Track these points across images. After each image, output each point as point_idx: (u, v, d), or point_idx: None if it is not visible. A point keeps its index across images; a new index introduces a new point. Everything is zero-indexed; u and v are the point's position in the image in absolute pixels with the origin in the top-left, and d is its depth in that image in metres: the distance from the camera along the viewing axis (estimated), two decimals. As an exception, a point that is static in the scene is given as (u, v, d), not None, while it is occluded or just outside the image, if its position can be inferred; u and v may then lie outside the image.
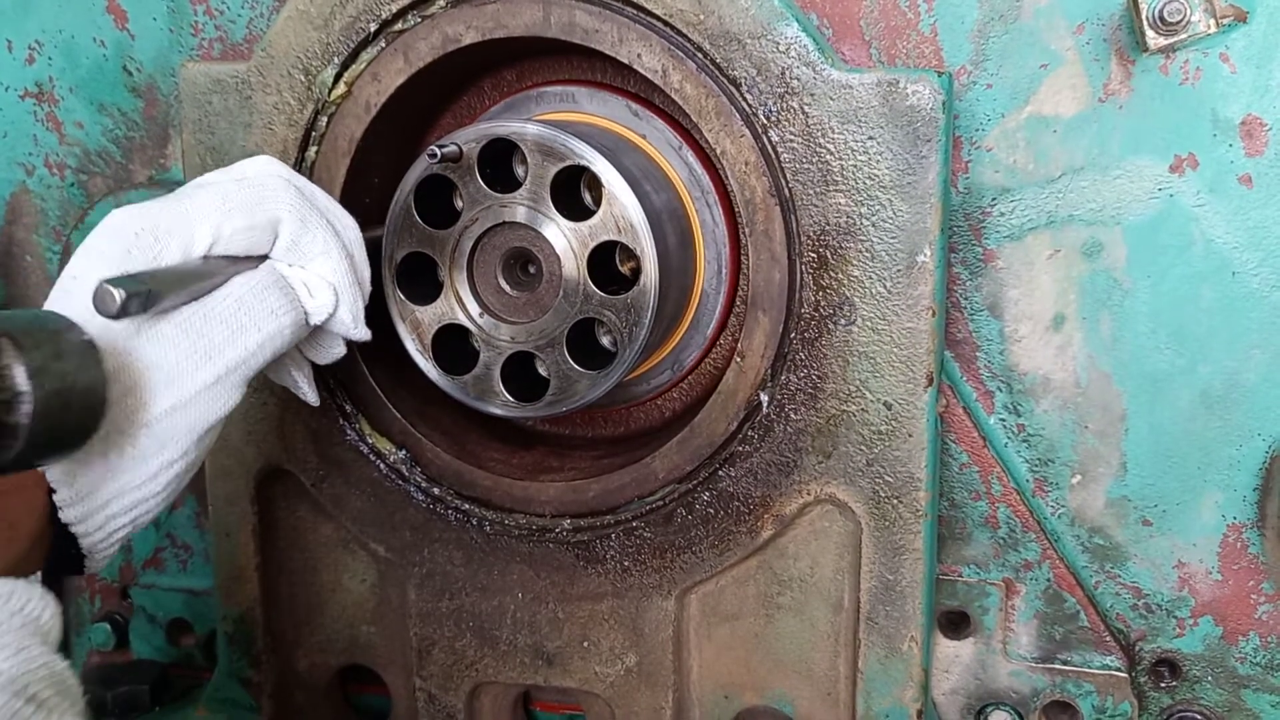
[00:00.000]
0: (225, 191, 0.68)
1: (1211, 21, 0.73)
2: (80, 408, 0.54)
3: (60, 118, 0.99)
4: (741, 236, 0.80)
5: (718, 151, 0.76)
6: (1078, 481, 0.84)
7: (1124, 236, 0.79)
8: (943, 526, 0.86)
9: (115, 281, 0.57)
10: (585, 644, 0.86)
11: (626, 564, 0.84)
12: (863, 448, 0.78)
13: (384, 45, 0.80)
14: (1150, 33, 0.73)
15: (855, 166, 0.74)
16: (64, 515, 0.64)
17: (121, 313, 0.58)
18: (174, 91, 0.95)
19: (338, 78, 0.81)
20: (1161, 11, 0.72)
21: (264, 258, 0.70)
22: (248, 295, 0.67)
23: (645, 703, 0.86)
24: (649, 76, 0.76)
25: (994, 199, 0.80)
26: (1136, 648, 0.86)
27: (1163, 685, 0.86)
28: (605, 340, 0.83)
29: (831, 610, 0.82)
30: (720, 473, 0.81)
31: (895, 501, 0.78)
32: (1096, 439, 0.82)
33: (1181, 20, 0.73)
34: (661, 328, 0.85)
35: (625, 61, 0.76)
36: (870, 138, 0.73)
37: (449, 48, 0.78)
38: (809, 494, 0.79)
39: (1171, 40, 0.73)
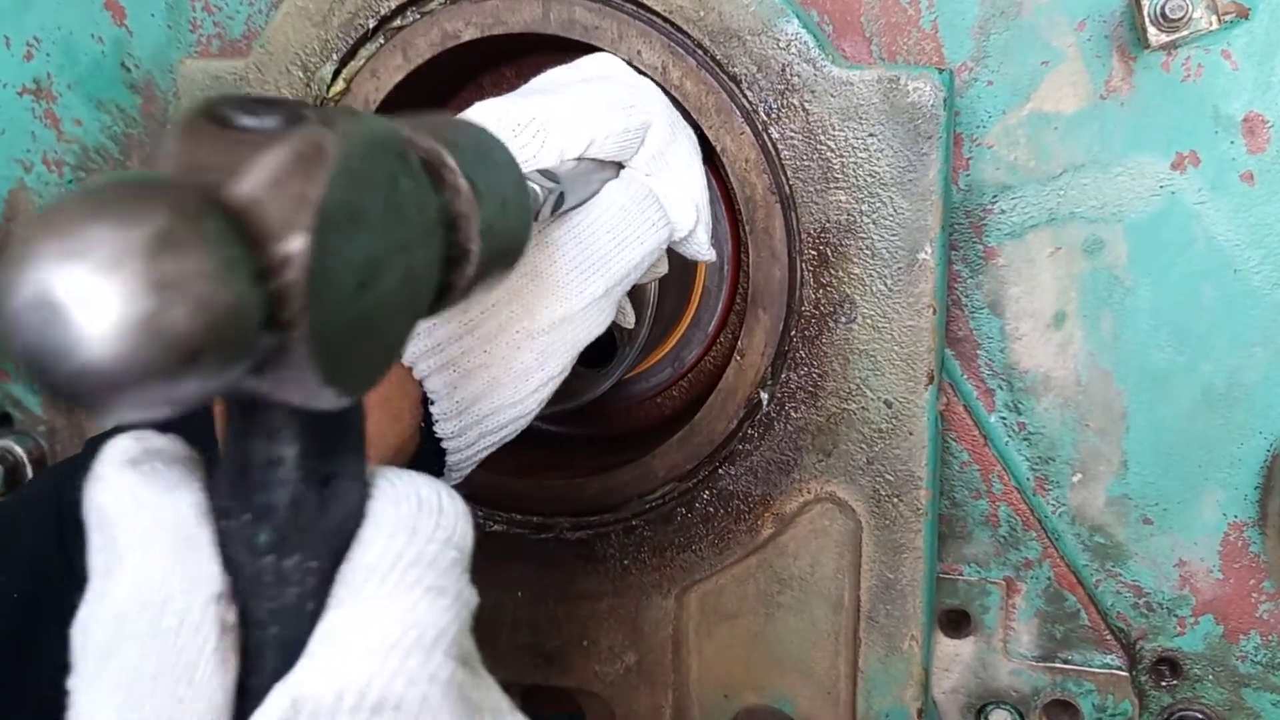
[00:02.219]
0: (600, 91, 0.64)
1: (1213, 18, 0.73)
2: (515, 232, 0.48)
3: (58, 114, 0.99)
4: (742, 234, 0.80)
5: (718, 149, 0.75)
6: (1078, 480, 0.83)
7: (1125, 234, 0.79)
8: (943, 525, 0.85)
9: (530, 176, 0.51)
10: (585, 643, 0.86)
11: (626, 563, 0.84)
12: (863, 446, 0.77)
13: (383, 42, 0.80)
14: (1152, 29, 0.73)
15: (856, 164, 0.73)
16: (440, 429, 0.60)
17: (536, 213, 0.53)
18: (172, 88, 0.95)
19: (336, 74, 0.81)
20: (1163, 8, 0.72)
21: (620, 165, 0.66)
22: (631, 205, 0.64)
23: (645, 702, 0.86)
24: (648, 73, 0.75)
25: (995, 196, 0.80)
26: (1137, 646, 0.86)
27: (1163, 684, 0.86)
28: (605, 339, 0.82)
29: (832, 609, 0.82)
30: (720, 471, 0.80)
31: (896, 500, 0.78)
32: (1097, 437, 0.82)
33: (1183, 17, 0.72)
34: (661, 326, 0.84)
35: (625, 58, 0.75)
36: (871, 135, 0.73)
37: (448, 44, 0.78)
38: (809, 492, 0.79)
39: (1173, 37, 0.73)
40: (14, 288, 0.27)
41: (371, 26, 0.79)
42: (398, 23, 0.79)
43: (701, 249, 0.71)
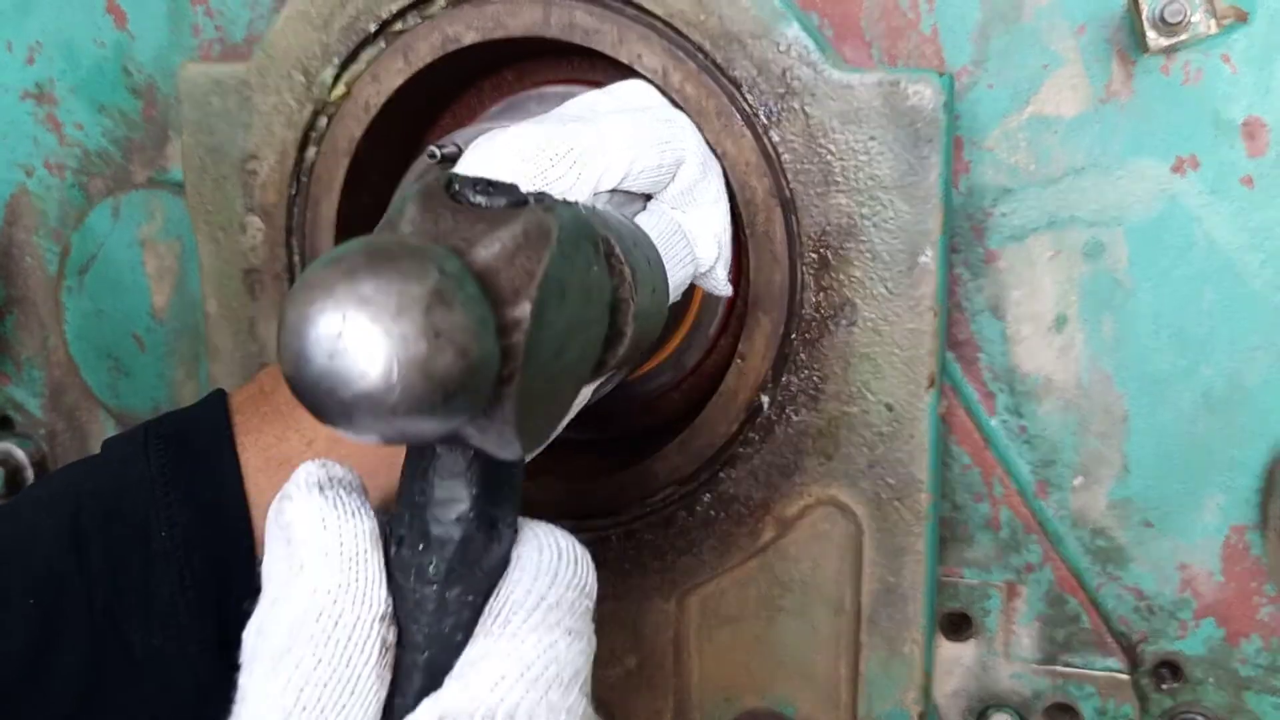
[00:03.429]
0: (638, 124, 0.64)
1: (1212, 22, 0.73)
2: (654, 323, 0.53)
3: (60, 119, 0.99)
4: (742, 237, 0.80)
5: (718, 152, 0.75)
6: (1080, 483, 0.83)
7: (1126, 237, 0.79)
8: (944, 528, 0.85)
9: None
10: (585, 646, 0.86)
11: (627, 566, 0.84)
12: (864, 449, 0.77)
13: (384, 46, 0.80)
14: (1151, 33, 0.73)
15: (856, 167, 0.73)
16: None
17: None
18: (174, 92, 0.95)
19: (337, 78, 0.81)
20: (1162, 12, 0.72)
21: (647, 197, 0.66)
22: (661, 240, 0.64)
23: (645, 705, 0.86)
24: (649, 77, 0.75)
25: (995, 200, 0.80)
26: (1138, 650, 0.86)
27: (1165, 687, 0.86)
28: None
29: (833, 612, 0.82)
30: (721, 474, 0.80)
31: (897, 503, 0.78)
32: (1098, 440, 0.82)
33: (1182, 21, 0.72)
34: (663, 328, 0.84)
35: (625, 62, 0.76)
36: (871, 138, 0.73)
37: (449, 48, 0.78)
38: (810, 496, 0.79)
39: (1172, 41, 0.73)
40: (309, 322, 0.31)
41: (372, 30, 0.80)
42: (399, 26, 0.79)
43: (720, 284, 0.72)
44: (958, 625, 0.88)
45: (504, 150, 0.60)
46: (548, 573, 0.40)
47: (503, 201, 0.38)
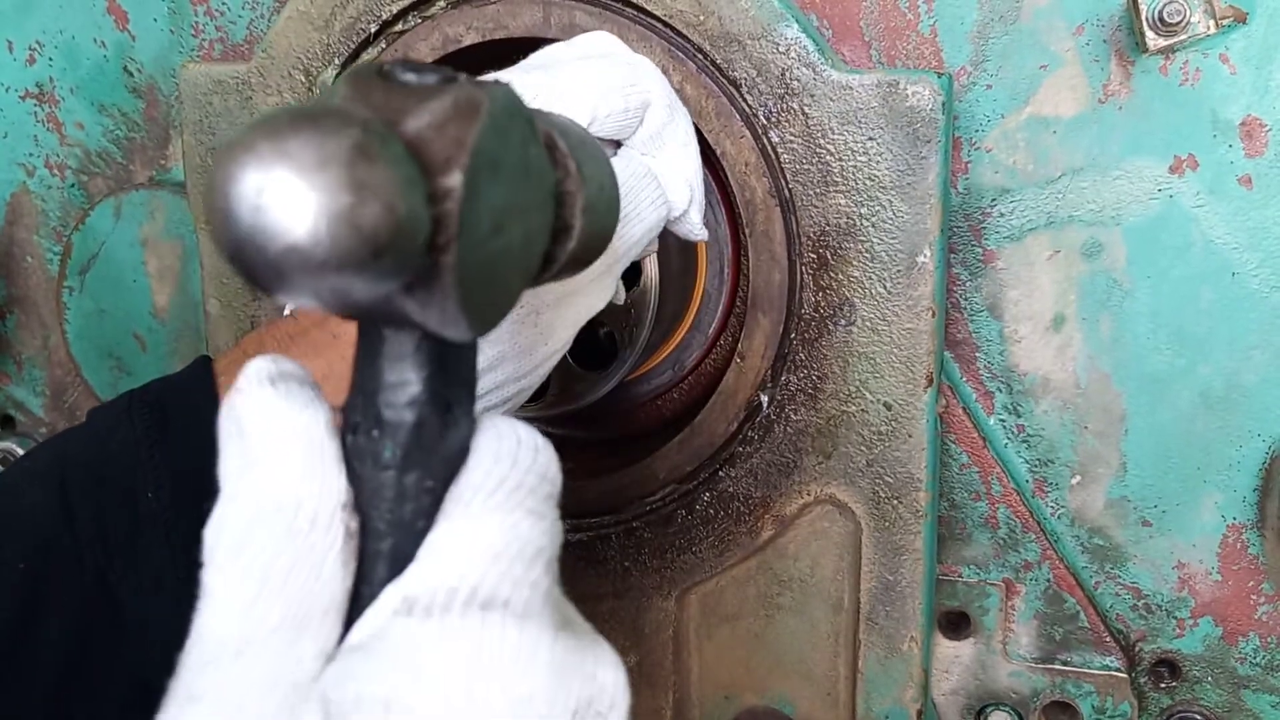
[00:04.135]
0: (601, 70, 0.65)
1: (1211, 23, 0.73)
2: (605, 222, 0.52)
3: (61, 119, 0.99)
4: (742, 237, 0.80)
5: (718, 152, 0.76)
6: (1077, 482, 0.84)
7: (1124, 237, 0.79)
8: (943, 527, 0.86)
9: None
10: (585, 644, 0.86)
11: (627, 564, 0.84)
12: (863, 448, 0.78)
13: (384, 46, 0.80)
14: (1150, 34, 0.73)
15: (855, 167, 0.74)
16: None
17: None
18: (174, 92, 0.95)
19: (338, 78, 0.81)
20: (1161, 12, 0.73)
21: (617, 143, 0.67)
22: (632, 182, 0.65)
23: (645, 703, 0.86)
24: (649, 77, 0.76)
25: (994, 200, 0.80)
26: (1136, 648, 0.86)
27: (1162, 686, 0.86)
28: (606, 341, 0.83)
29: (831, 610, 0.82)
30: (720, 473, 0.81)
31: (895, 502, 0.78)
32: (1096, 439, 0.82)
33: (1181, 21, 0.73)
34: (662, 329, 0.85)
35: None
36: (870, 139, 0.73)
37: (449, 49, 0.78)
38: (809, 494, 0.79)
39: (1171, 41, 0.73)
40: (233, 180, 0.31)
41: (373, 31, 0.80)
42: (399, 27, 0.80)
43: (694, 228, 0.71)
44: (956, 623, 0.88)
45: None
46: (507, 457, 0.40)
47: (433, 79, 0.37)
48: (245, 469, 0.38)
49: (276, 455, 0.38)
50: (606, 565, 0.85)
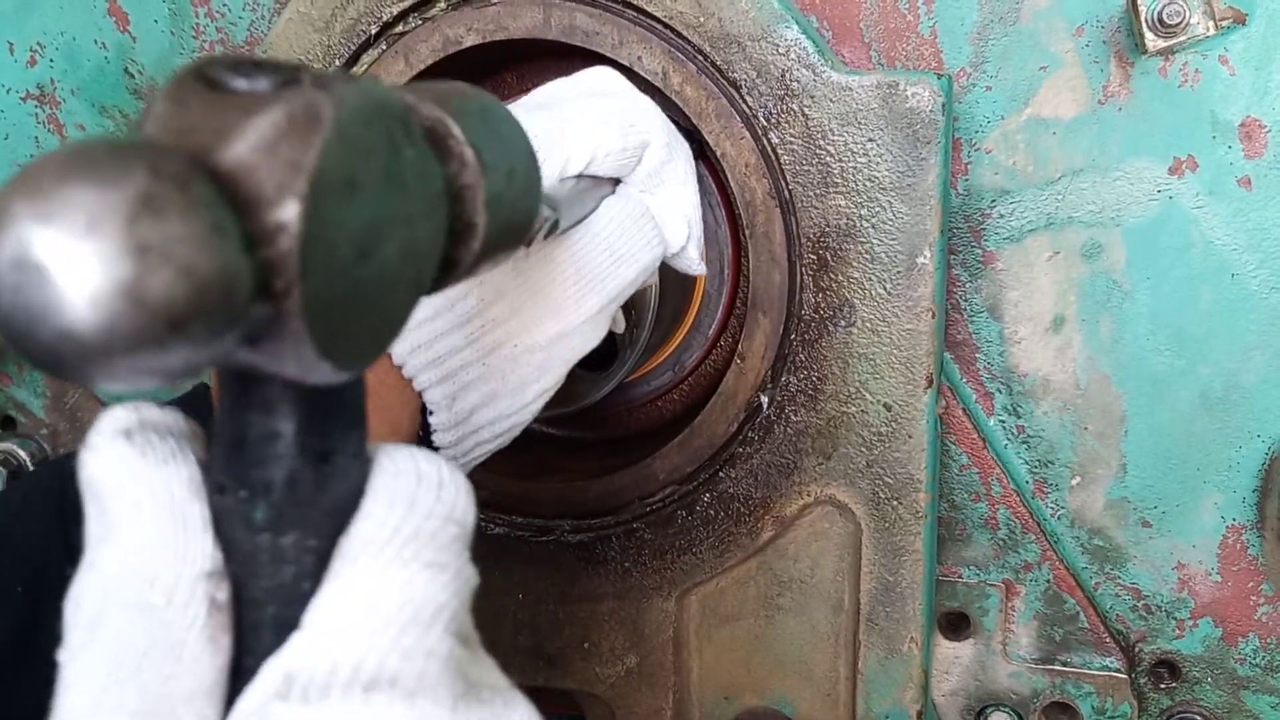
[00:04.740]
0: (601, 109, 0.64)
1: (1210, 24, 0.73)
2: (521, 206, 0.46)
3: (62, 120, 0.99)
4: (742, 238, 0.81)
5: (718, 154, 0.76)
6: (1077, 483, 0.84)
7: (1123, 238, 0.79)
8: (942, 528, 0.86)
9: None
10: (585, 645, 0.86)
11: (627, 565, 0.84)
12: (863, 449, 0.78)
13: (385, 48, 0.80)
14: (1149, 35, 0.73)
15: (855, 168, 0.74)
16: (438, 439, 0.61)
17: (530, 239, 0.52)
18: (175, 94, 0.95)
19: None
20: (1160, 14, 0.73)
21: (616, 181, 0.67)
22: (628, 223, 0.64)
23: (646, 704, 0.86)
24: (649, 79, 0.76)
25: (994, 201, 0.81)
26: (1136, 649, 0.86)
27: (1162, 686, 0.86)
28: (606, 342, 0.83)
29: (831, 611, 0.82)
30: (721, 474, 0.81)
31: (895, 503, 0.78)
32: (1096, 440, 0.83)
33: (1180, 22, 0.73)
34: (662, 329, 0.85)
35: (625, 64, 0.76)
36: (870, 140, 0.73)
37: (450, 50, 0.79)
38: (809, 495, 0.79)
39: (1170, 42, 0.73)
40: None
41: (374, 32, 0.80)
42: (400, 28, 0.80)
43: (692, 264, 0.72)
44: (956, 624, 0.88)
45: None
46: (402, 502, 0.35)
47: (266, 84, 0.31)
48: (101, 536, 0.34)
49: (131, 521, 0.34)
50: (606, 566, 0.85)
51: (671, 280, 0.79)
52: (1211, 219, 0.77)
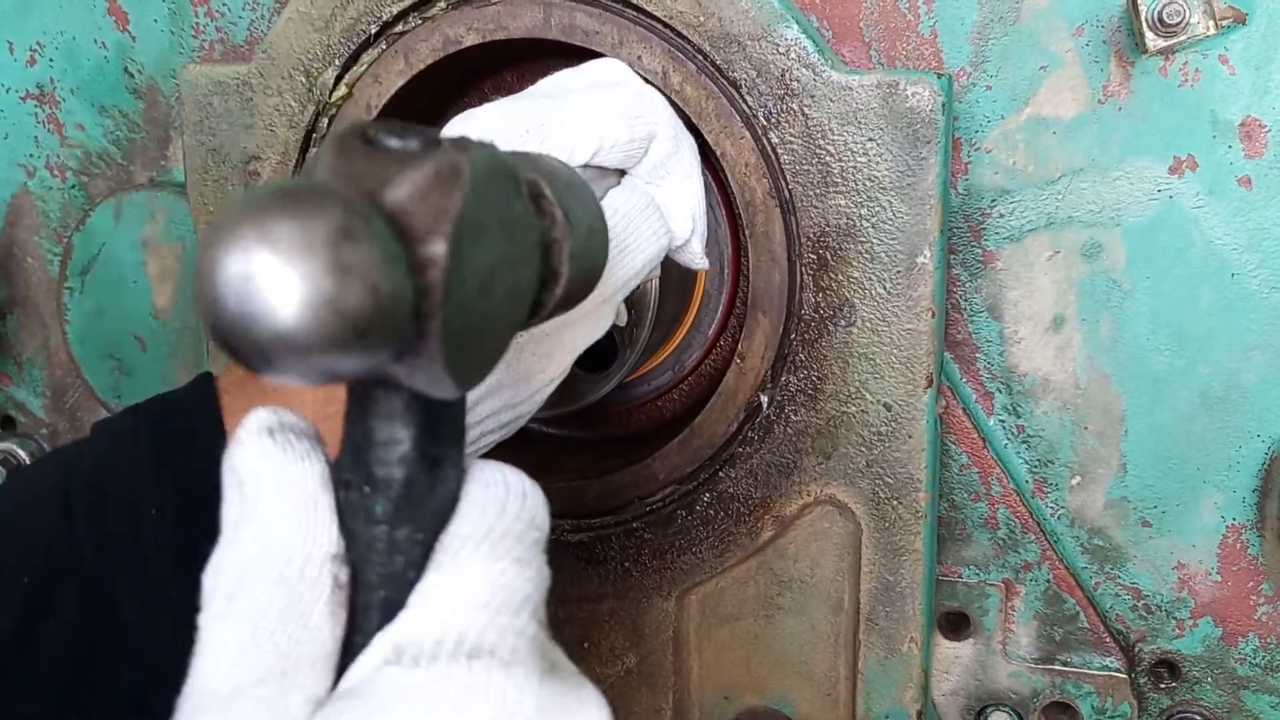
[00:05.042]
0: (608, 100, 0.65)
1: (1210, 23, 0.73)
2: (594, 262, 0.53)
3: (61, 120, 0.99)
4: (742, 238, 0.81)
5: (718, 153, 0.76)
6: (1077, 483, 0.84)
7: (1123, 238, 0.79)
8: (942, 527, 0.86)
9: None
10: (585, 645, 0.86)
11: (627, 565, 0.84)
12: (862, 449, 0.78)
13: (385, 47, 0.80)
14: (1149, 34, 0.73)
15: (855, 168, 0.74)
16: None
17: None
18: (175, 93, 0.95)
19: (339, 79, 0.81)
20: (1160, 13, 0.73)
21: (621, 172, 0.67)
22: (634, 213, 0.65)
23: (645, 704, 0.86)
24: (649, 78, 0.76)
25: (994, 200, 0.81)
26: (1136, 649, 0.86)
27: (1162, 686, 0.86)
28: (606, 342, 0.83)
29: (831, 611, 0.82)
30: (720, 474, 0.81)
31: (895, 503, 0.78)
32: (1096, 440, 0.83)
33: (1181, 22, 0.73)
34: (662, 329, 0.85)
35: (625, 63, 0.76)
36: (870, 139, 0.73)
37: (450, 49, 0.79)
38: (809, 495, 0.79)
39: (1170, 42, 0.73)
40: (219, 266, 0.32)
41: (374, 32, 0.80)
42: (400, 28, 0.80)
43: (695, 258, 0.72)
44: (956, 624, 0.88)
45: (475, 127, 0.62)
46: (494, 506, 0.41)
47: (416, 144, 0.38)
48: (243, 518, 0.39)
49: (271, 506, 0.38)
50: (606, 565, 0.85)
51: (671, 280, 0.79)
52: (1212, 218, 0.77)
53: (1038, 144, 0.79)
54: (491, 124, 0.62)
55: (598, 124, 0.64)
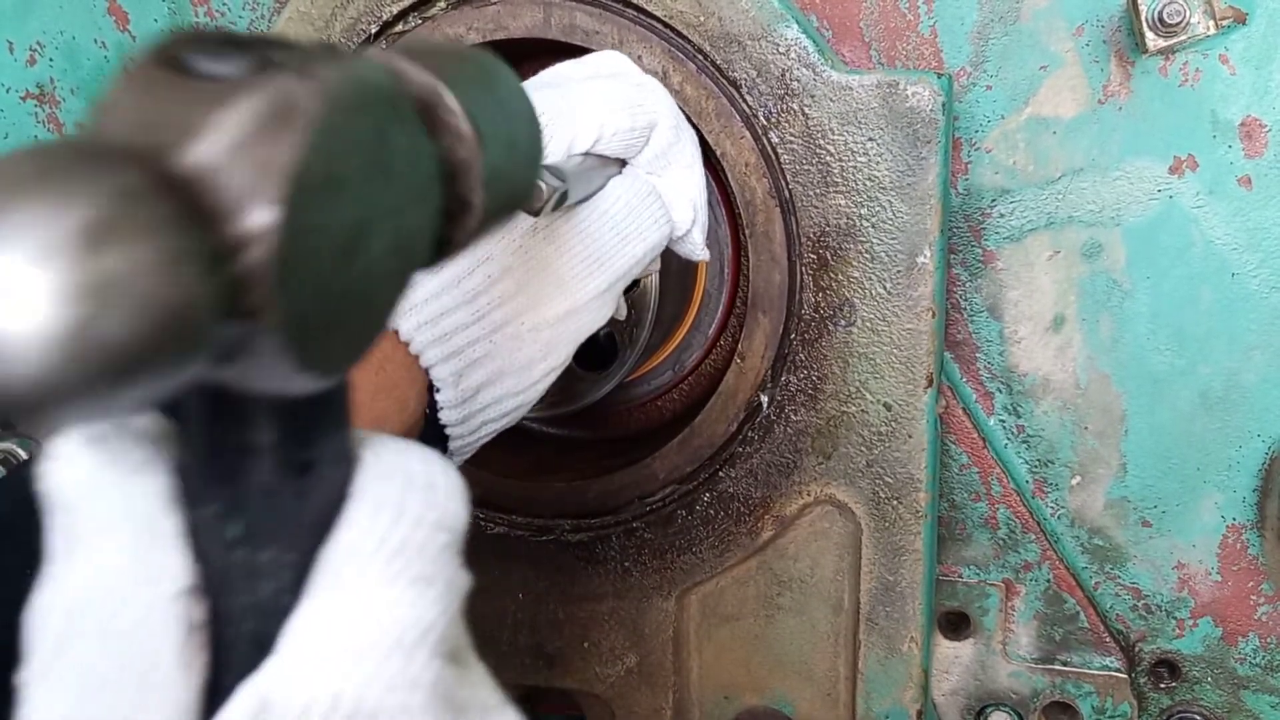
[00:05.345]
0: (609, 89, 0.64)
1: (1211, 23, 0.73)
2: (521, 177, 0.42)
3: (62, 119, 0.99)
4: (742, 237, 0.81)
5: (718, 153, 0.76)
6: (1077, 483, 0.84)
7: (1123, 238, 0.79)
8: (942, 527, 0.86)
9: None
10: (586, 645, 0.86)
11: (627, 565, 0.84)
12: (863, 449, 0.78)
13: (384, 47, 0.80)
14: (1150, 34, 0.73)
15: (855, 168, 0.74)
16: (445, 416, 0.59)
17: (540, 209, 0.51)
18: (175, 93, 0.95)
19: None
20: (1161, 13, 0.73)
21: (623, 161, 0.67)
22: (635, 201, 0.64)
23: (645, 704, 0.86)
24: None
25: (994, 200, 0.81)
26: (1136, 648, 0.86)
27: (1162, 686, 0.86)
28: (606, 342, 0.83)
29: (831, 611, 0.82)
30: (720, 474, 0.81)
31: (895, 502, 0.78)
32: (1096, 440, 0.83)
33: (1181, 22, 0.73)
34: (662, 329, 0.85)
35: (626, 63, 0.76)
36: (870, 139, 0.73)
37: (450, 49, 0.78)
38: (809, 495, 0.79)
39: (1171, 42, 0.73)
40: None
41: (374, 31, 0.80)
42: (399, 28, 0.80)
43: (696, 249, 0.71)
44: (956, 624, 0.88)
45: None
46: (389, 509, 0.33)
47: (239, 68, 0.28)
48: (68, 550, 0.31)
49: (100, 536, 0.31)
50: (606, 565, 0.85)
51: (672, 279, 0.79)
52: (1212, 218, 0.77)
53: (1038, 144, 0.79)
54: None
55: (599, 112, 0.63)
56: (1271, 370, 0.79)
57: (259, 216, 0.26)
